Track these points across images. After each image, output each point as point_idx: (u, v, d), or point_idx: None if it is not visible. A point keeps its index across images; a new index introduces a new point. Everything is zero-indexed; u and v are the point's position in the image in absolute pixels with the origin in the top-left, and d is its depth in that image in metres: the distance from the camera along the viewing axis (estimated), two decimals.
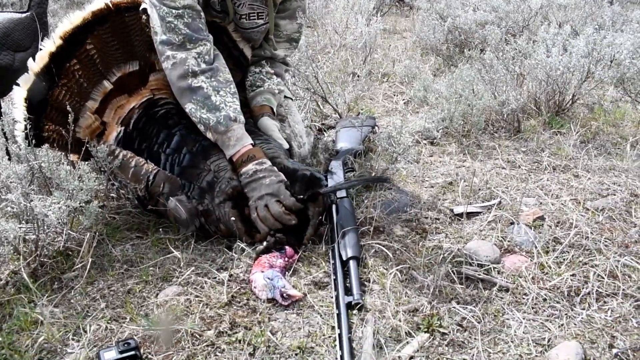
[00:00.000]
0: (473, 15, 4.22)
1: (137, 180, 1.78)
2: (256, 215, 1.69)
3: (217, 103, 1.77)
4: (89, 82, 1.91)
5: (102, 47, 1.90)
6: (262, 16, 1.99)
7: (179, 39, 1.77)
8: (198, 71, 1.78)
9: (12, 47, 2.19)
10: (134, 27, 1.92)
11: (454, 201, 2.03)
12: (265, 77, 2.10)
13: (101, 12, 1.88)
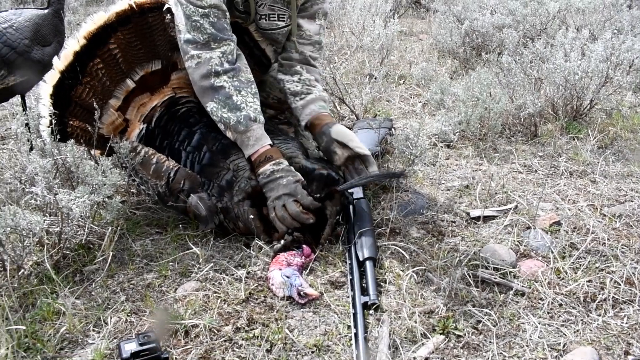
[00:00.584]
0: (490, 18, 4.21)
1: (158, 176, 1.81)
2: (274, 215, 1.71)
3: (238, 103, 1.80)
4: (112, 80, 1.94)
5: (125, 47, 1.93)
6: (282, 18, 2.01)
7: (203, 38, 1.80)
8: (221, 71, 1.80)
9: (41, 42, 2.25)
10: (157, 27, 1.95)
11: (470, 204, 2.04)
12: (310, 84, 2.05)
13: (125, 12, 1.91)
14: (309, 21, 2.07)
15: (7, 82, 2.22)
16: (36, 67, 2.24)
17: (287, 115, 2.20)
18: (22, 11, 2.30)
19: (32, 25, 2.23)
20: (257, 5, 1.95)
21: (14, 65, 2.19)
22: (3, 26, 2.20)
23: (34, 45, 2.22)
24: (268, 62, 2.11)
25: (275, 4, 1.97)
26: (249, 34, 2.02)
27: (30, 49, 2.21)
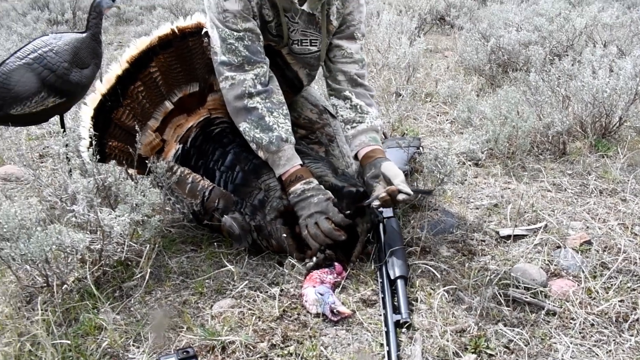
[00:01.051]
0: (516, 35, 4.22)
1: (194, 195, 1.87)
2: (307, 233, 1.75)
3: (270, 124, 1.85)
4: (152, 102, 2.01)
5: (165, 70, 2.00)
6: (315, 43, 2.05)
7: (238, 61, 1.86)
8: (254, 92, 1.86)
9: (79, 64, 2.34)
10: (196, 51, 2.02)
11: (499, 223, 2.05)
12: (362, 111, 2.03)
13: (167, 37, 1.99)
14: (349, 41, 2.09)
15: (46, 104, 2.31)
16: (74, 88, 2.33)
17: (318, 135, 2.25)
18: (62, 35, 2.40)
19: (71, 49, 2.32)
20: (289, 30, 2.00)
21: (53, 88, 2.28)
22: (44, 50, 2.30)
23: (72, 67, 2.31)
24: (300, 84, 2.16)
25: (307, 29, 2.02)
26: (281, 57, 2.08)
27: (69, 72, 2.30)
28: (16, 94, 2.23)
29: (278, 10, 1.94)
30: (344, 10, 2.04)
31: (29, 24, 7.84)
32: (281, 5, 1.93)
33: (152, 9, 10.48)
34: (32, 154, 3.03)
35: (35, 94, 2.26)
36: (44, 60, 2.27)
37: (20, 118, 2.32)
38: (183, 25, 2.01)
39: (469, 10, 6.93)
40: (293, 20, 1.99)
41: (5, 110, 2.25)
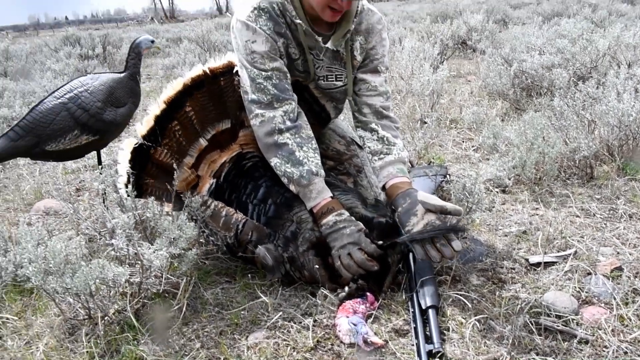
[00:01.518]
0: (539, 58, 4.24)
1: (227, 228, 1.93)
2: (340, 263, 1.79)
3: (300, 158, 1.91)
4: (188, 140, 2.10)
5: (199, 109, 2.10)
6: (340, 78, 2.12)
7: (267, 99, 1.93)
8: (284, 128, 1.93)
9: (115, 103, 2.45)
10: (228, 89, 2.10)
11: (528, 250, 2.06)
12: (389, 143, 2.06)
13: (199, 77, 2.09)
14: (373, 75, 2.14)
15: (80, 141, 2.42)
16: (108, 127, 2.44)
17: (346, 166, 2.30)
18: (99, 75, 2.52)
19: (106, 89, 2.43)
20: (315, 67, 2.08)
21: (87, 126, 2.39)
22: (79, 90, 2.42)
23: (106, 107, 2.42)
24: (327, 117, 2.22)
25: (333, 65, 2.09)
26: (308, 91, 2.14)
27: (103, 111, 2.40)
28: (52, 132, 2.35)
29: (304, 49, 2.02)
30: (367, 45, 2.11)
31: (62, 59, 8.12)
32: (306, 43, 2.01)
33: (179, 41, 10.76)
34: (69, 188, 3.15)
35: (69, 131, 2.38)
36: (78, 100, 2.38)
37: (56, 154, 2.44)
38: (214, 66, 2.10)
39: (491, 33, 7.00)
40: (318, 58, 2.06)
41: (41, 146, 2.37)
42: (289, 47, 2.01)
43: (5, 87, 5.58)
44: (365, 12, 2.09)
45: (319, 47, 2.03)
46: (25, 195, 3.06)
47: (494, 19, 9.83)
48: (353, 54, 2.09)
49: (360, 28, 2.08)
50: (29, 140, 2.35)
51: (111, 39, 9.58)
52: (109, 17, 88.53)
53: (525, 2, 18.94)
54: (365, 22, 2.09)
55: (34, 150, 2.38)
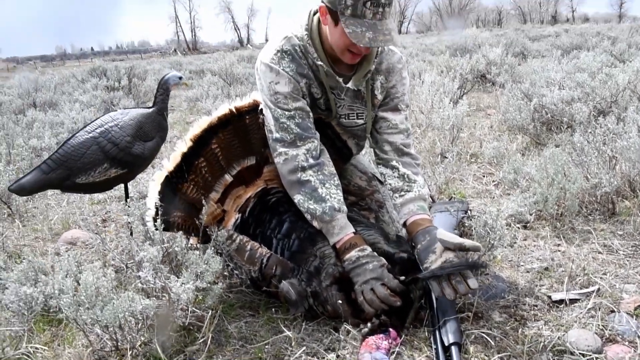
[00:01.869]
0: (559, 93, 4.27)
1: (252, 262, 1.97)
2: (363, 299, 1.81)
3: (323, 195, 1.95)
4: (213, 176, 2.17)
5: (225, 146, 2.17)
6: (361, 116, 2.17)
7: (290, 138, 1.99)
8: (306, 166, 1.98)
9: (143, 137, 2.52)
10: (253, 127, 2.17)
11: (550, 287, 2.06)
12: (409, 180, 2.09)
13: (225, 116, 2.16)
14: (394, 113, 2.18)
15: (109, 174, 2.49)
16: (136, 160, 2.51)
17: (368, 201, 2.33)
18: (129, 110, 2.60)
19: (135, 124, 2.51)
20: (337, 106, 2.13)
21: (116, 159, 2.46)
22: (110, 125, 2.50)
23: (135, 141, 2.49)
24: (349, 153, 2.27)
25: (354, 104, 2.15)
26: (331, 128, 2.20)
27: (132, 145, 2.48)
28: (82, 165, 2.43)
29: (325, 88, 2.08)
30: (388, 84, 2.16)
31: (89, 91, 8.34)
32: (328, 84, 2.07)
33: (202, 74, 11.01)
34: (95, 219, 3.22)
35: (99, 164, 2.45)
36: (108, 134, 2.46)
37: (85, 186, 2.51)
38: (240, 105, 2.18)
39: (510, 67, 7.05)
40: (339, 97, 2.12)
41: (72, 179, 2.44)
42: (312, 87, 2.08)
43: (35, 118, 5.76)
44: (385, 52, 2.14)
45: (340, 87, 2.08)
46: (53, 225, 3.14)
47: (513, 52, 9.92)
48: (374, 93, 2.14)
49: (380, 68, 2.13)
50: (61, 173, 2.43)
51: (136, 71, 9.84)
52: (133, 49, 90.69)
53: (543, 35, 19.07)
54: (385, 62, 2.14)
55: (65, 183, 2.46)
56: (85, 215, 3.28)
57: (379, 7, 1.84)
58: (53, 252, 2.69)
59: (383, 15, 1.86)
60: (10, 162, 4.23)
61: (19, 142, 4.54)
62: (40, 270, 2.16)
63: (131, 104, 7.45)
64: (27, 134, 4.98)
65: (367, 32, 1.84)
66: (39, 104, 7.63)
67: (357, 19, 1.85)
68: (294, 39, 2.04)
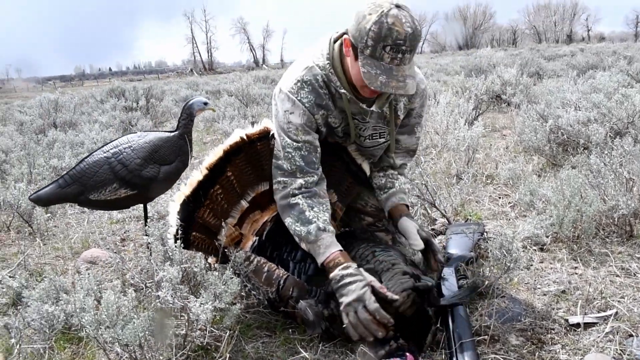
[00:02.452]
0: (575, 114, 4.26)
1: (270, 283, 1.99)
2: (348, 322, 1.79)
3: (310, 217, 1.98)
4: (229, 203, 2.22)
5: (239, 173, 2.22)
6: (383, 135, 2.21)
7: (292, 168, 2.04)
8: (297, 193, 2.03)
9: (159, 161, 2.57)
10: (265, 153, 2.22)
11: (568, 310, 2.06)
12: (393, 178, 2.28)
13: (237, 144, 2.22)
14: (409, 136, 2.28)
15: (119, 194, 2.55)
16: (146, 183, 2.55)
17: (384, 222, 2.35)
18: (147, 133, 2.65)
19: (149, 147, 2.56)
20: (360, 129, 2.16)
21: (125, 180, 2.52)
22: (124, 146, 2.57)
23: (147, 164, 2.54)
24: (364, 176, 2.30)
25: (377, 124, 2.18)
26: (347, 153, 2.24)
27: (142, 167, 2.53)
28: (94, 183, 2.52)
29: (346, 115, 2.11)
30: (410, 105, 2.21)
31: (107, 111, 8.48)
32: (350, 110, 2.09)
33: (218, 94, 11.15)
34: (114, 238, 3.27)
35: (109, 184, 2.52)
36: (120, 156, 2.54)
37: (99, 203, 2.60)
38: (251, 133, 2.24)
39: (525, 87, 7.05)
40: (364, 121, 2.15)
41: (86, 195, 2.54)
42: (329, 117, 2.11)
43: (56, 138, 5.87)
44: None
45: (364, 111, 2.09)
46: (74, 244, 3.19)
47: (528, 72, 9.92)
48: (397, 113, 2.19)
49: None
50: (75, 188, 2.53)
51: (154, 92, 9.99)
52: (150, 69, 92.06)
53: (559, 55, 19.06)
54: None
55: (79, 198, 2.56)
56: (105, 235, 3.33)
57: (398, 53, 1.81)
58: (73, 270, 2.76)
59: (402, 61, 1.83)
60: (32, 182, 4.32)
61: (40, 161, 4.63)
62: (62, 289, 2.21)
63: (149, 125, 7.57)
64: (47, 154, 5.08)
65: (380, 76, 1.83)
66: (59, 124, 7.77)
67: (375, 61, 1.83)
68: (315, 68, 2.04)
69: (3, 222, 3.58)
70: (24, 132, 7.35)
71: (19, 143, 5.81)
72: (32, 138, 6.44)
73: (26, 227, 3.49)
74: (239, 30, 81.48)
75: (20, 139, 6.15)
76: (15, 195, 3.43)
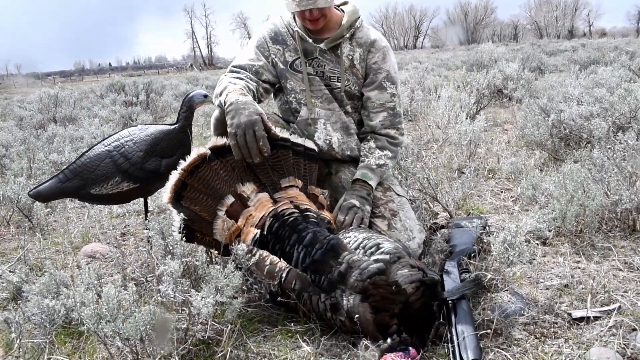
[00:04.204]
0: (577, 109, 4.25)
1: (272, 276, 1.98)
2: (235, 142, 2.05)
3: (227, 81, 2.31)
4: (207, 212, 2.21)
5: (196, 201, 2.21)
6: (340, 80, 2.48)
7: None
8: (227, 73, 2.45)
9: (160, 154, 2.55)
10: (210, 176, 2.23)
11: (571, 304, 2.04)
12: (368, 152, 2.48)
13: None
14: (380, 91, 2.48)
15: (121, 187, 2.54)
16: (148, 175, 2.55)
17: (382, 209, 2.40)
18: (148, 126, 2.64)
19: (151, 140, 2.55)
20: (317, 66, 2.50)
21: (127, 173, 2.51)
22: (125, 139, 2.56)
23: (149, 156, 2.53)
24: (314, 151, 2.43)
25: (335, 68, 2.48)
26: (285, 140, 2.34)
27: (144, 160, 2.52)
28: (96, 177, 2.51)
29: None
30: (369, 60, 2.47)
31: (107, 106, 8.46)
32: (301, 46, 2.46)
33: None
34: (114, 232, 3.26)
35: (111, 177, 2.51)
36: (122, 149, 2.52)
37: (101, 198, 2.58)
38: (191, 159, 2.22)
39: (527, 82, 7.02)
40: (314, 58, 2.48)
41: (87, 189, 2.53)
42: (286, 52, 2.49)
43: (56, 133, 5.85)
44: (362, 28, 2.49)
45: (313, 48, 2.44)
46: (74, 238, 3.18)
47: (530, 67, 9.89)
48: (353, 62, 2.47)
49: (360, 41, 2.47)
50: (76, 182, 2.52)
51: (154, 86, 9.96)
52: (150, 64, 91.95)
53: (560, 50, 19.01)
54: (363, 36, 2.48)
55: (80, 193, 2.55)
56: (105, 229, 3.32)
57: None
58: (74, 265, 2.75)
59: None
60: (31, 176, 4.31)
61: (40, 156, 4.62)
62: (62, 283, 2.19)
63: (149, 119, 7.55)
64: (47, 149, 5.06)
65: (294, 2, 2.28)
66: (59, 119, 7.76)
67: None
68: (282, 17, 2.53)
69: (3, 217, 3.56)
70: (23, 127, 7.34)
71: (19, 138, 5.80)
72: (31, 133, 6.43)
73: (26, 221, 3.48)
74: (239, 25, 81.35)
75: (20, 134, 6.13)
76: (15, 190, 3.42)
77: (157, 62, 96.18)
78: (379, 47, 2.47)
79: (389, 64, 2.48)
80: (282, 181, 2.29)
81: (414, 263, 1.90)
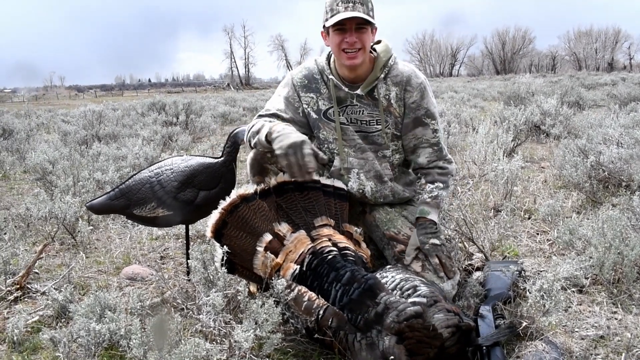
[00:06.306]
0: (617, 151, 4.21)
1: (309, 313, 2.03)
2: (287, 163, 2.24)
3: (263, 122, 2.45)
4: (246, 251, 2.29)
5: (236, 241, 2.30)
6: (380, 122, 2.52)
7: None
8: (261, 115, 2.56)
9: (197, 185, 2.68)
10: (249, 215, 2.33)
11: (606, 357, 2.03)
12: (420, 189, 2.54)
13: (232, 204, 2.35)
14: (423, 128, 2.53)
15: (157, 212, 2.69)
16: (181, 205, 2.68)
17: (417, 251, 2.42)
18: (191, 158, 2.77)
19: (189, 171, 2.68)
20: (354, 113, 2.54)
21: (161, 200, 2.66)
22: (166, 168, 2.71)
23: (185, 187, 2.65)
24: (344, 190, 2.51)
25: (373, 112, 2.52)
26: (315, 182, 2.44)
27: (178, 190, 2.65)
28: (137, 199, 2.69)
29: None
30: (408, 99, 2.50)
31: (148, 124, 8.69)
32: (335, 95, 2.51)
33: (255, 111, 11.31)
34: (154, 255, 3.36)
35: (148, 202, 2.68)
36: (160, 177, 2.69)
37: (142, 219, 2.76)
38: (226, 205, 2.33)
39: (565, 118, 6.97)
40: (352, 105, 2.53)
41: (131, 209, 2.71)
42: (319, 100, 2.54)
43: (100, 151, 6.05)
44: (396, 65, 2.51)
45: (349, 94, 2.48)
46: (115, 258, 3.29)
47: (568, 102, 9.80)
48: (390, 102, 2.49)
49: (395, 80, 2.49)
50: (122, 201, 2.71)
51: (193, 107, 10.22)
52: (188, 81, 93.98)
53: (599, 83, 18.77)
54: (399, 75, 2.50)
55: (126, 211, 2.74)
56: (145, 251, 3.42)
57: (349, 3, 2.31)
58: (116, 285, 2.84)
59: (354, 7, 2.31)
60: (76, 194, 4.46)
61: (84, 174, 4.78)
62: (106, 306, 2.28)
63: (187, 140, 7.73)
64: (92, 167, 5.23)
65: (336, 17, 2.31)
66: (102, 136, 8.01)
67: (334, 15, 2.33)
68: (315, 62, 2.59)
69: (48, 233, 3.70)
70: (67, 142, 7.59)
71: (65, 154, 6.01)
72: (76, 149, 6.65)
73: (69, 238, 3.61)
74: (277, 47, 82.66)
75: (65, 150, 6.35)
76: (63, 209, 3.56)
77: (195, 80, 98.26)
78: (416, 84, 2.49)
79: (427, 100, 2.51)
80: (315, 220, 2.37)
81: (450, 307, 1.92)
